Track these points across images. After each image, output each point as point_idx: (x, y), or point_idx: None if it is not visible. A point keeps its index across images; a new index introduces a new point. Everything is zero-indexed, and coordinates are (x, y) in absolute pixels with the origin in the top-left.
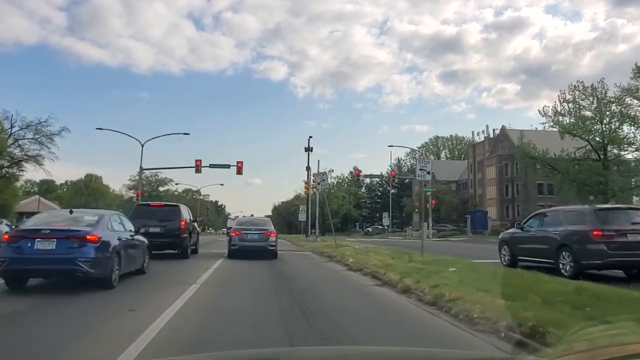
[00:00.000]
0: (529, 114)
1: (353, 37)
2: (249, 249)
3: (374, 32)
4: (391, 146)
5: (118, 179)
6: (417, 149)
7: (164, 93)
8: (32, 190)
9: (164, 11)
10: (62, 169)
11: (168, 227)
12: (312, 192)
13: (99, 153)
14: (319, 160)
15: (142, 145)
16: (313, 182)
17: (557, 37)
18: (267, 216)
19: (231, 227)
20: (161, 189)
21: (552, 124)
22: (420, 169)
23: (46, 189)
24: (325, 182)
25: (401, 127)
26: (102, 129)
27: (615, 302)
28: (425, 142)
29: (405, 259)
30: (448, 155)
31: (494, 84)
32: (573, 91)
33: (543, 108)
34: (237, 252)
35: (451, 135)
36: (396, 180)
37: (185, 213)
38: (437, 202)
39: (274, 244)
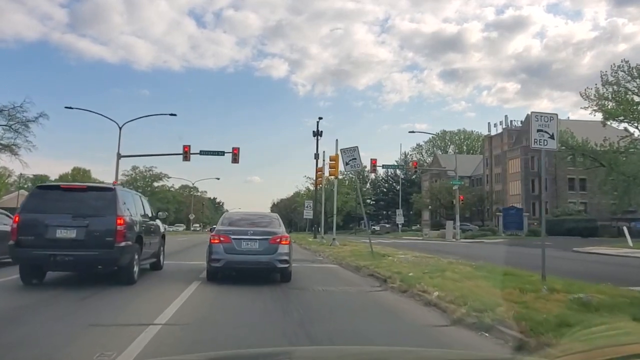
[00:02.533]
0: (529, 112)
1: (354, 35)
2: (243, 267)
3: (375, 30)
4: (412, 132)
5: (113, 175)
6: (423, 143)
7: (164, 90)
8: (25, 186)
9: (165, 8)
10: (60, 166)
11: (92, 229)
12: (332, 178)
13: (98, 149)
14: (337, 140)
15: (120, 128)
16: (331, 167)
17: (557, 36)
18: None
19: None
20: (156, 184)
21: (595, 108)
22: (539, 130)
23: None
24: (358, 162)
25: (401, 125)
26: (71, 107)
27: None
28: (432, 137)
29: (541, 290)
30: (456, 150)
31: (494, 82)
32: (616, 72)
33: (585, 90)
34: (222, 272)
35: (459, 130)
36: (416, 173)
37: (131, 203)
38: (451, 199)
39: (286, 258)
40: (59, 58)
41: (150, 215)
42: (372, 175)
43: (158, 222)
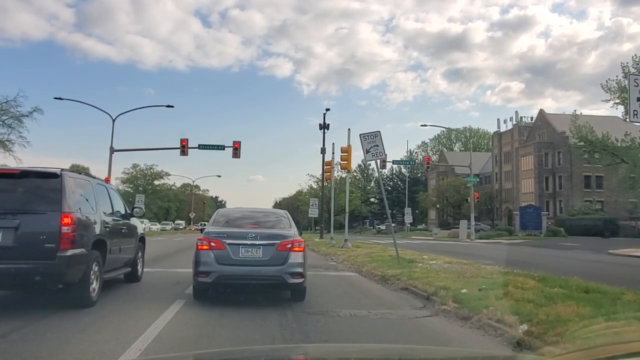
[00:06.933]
0: (533, 111)
1: (359, 35)
2: (241, 283)
3: (379, 30)
4: (424, 125)
5: (115, 174)
6: (428, 141)
7: (169, 89)
8: None
9: (171, 8)
10: (58, 163)
11: (24, 231)
12: (342, 174)
13: (98, 146)
14: (349, 129)
15: (114, 121)
16: (342, 159)
17: (562, 35)
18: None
19: (204, 228)
20: (156, 182)
21: (617, 101)
22: None
23: None
24: (380, 150)
25: (405, 124)
26: (61, 98)
27: None
28: (437, 134)
29: None
30: (462, 148)
31: (499, 82)
32: (638, 64)
33: (607, 81)
34: (213, 289)
35: (464, 127)
36: (428, 168)
37: (90, 195)
38: (459, 198)
39: (300, 270)
40: (64, 57)
41: (123, 212)
42: (376, 174)
43: (134, 221)
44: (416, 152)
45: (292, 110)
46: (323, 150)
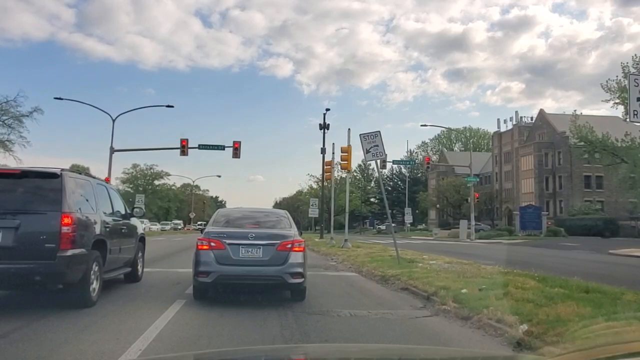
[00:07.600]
0: (533, 111)
1: (359, 35)
2: (242, 282)
3: (380, 30)
4: (424, 125)
5: (115, 174)
6: (429, 141)
7: (170, 89)
8: None
9: (172, 8)
10: (59, 163)
11: (24, 231)
12: (342, 174)
13: (99, 146)
14: (349, 129)
15: (114, 121)
16: (342, 159)
17: (562, 35)
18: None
19: (204, 228)
20: (157, 182)
21: (617, 101)
22: None
23: None
24: (380, 150)
25: (405, 124)
26: (61, 98)
27: None
28: (438, 134)
29: None
30: (462, 148)
31: (499, 82)
32: (638, 64)
33: (607, 82)
34: (213, 289)
35: (465, 127)
36: (428, 169)
37: (90, 195)
38: (459, 198)
39: (300, 270)
40: (65, 58)
41: (123, 212)
42: (376, 174)
43: (134, 221)
44: (416, 152)
45: (292, 110)
46: (323, 150)
